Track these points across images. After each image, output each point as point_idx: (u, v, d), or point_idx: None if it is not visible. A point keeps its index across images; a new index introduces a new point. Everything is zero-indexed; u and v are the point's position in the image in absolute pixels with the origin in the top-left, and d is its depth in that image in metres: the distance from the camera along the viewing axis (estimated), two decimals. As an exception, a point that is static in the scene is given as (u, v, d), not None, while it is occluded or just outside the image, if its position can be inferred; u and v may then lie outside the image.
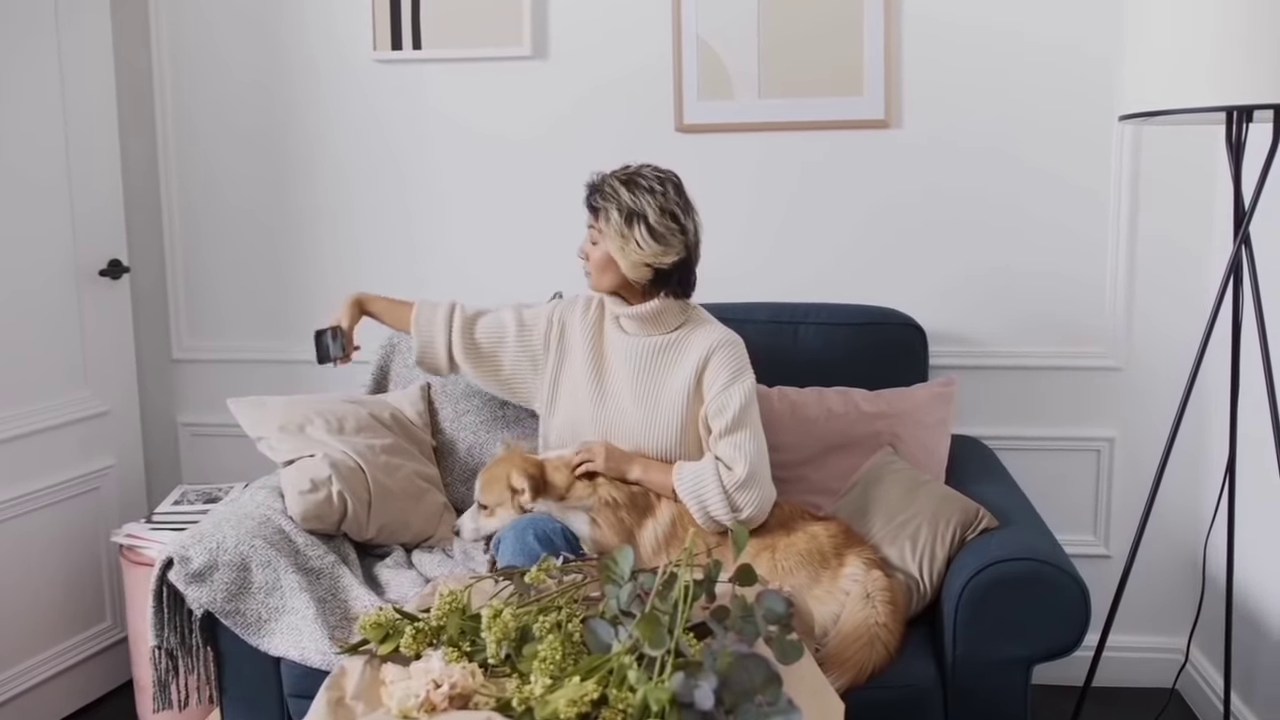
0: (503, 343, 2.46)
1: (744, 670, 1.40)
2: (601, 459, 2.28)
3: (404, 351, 2.82)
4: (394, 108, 3.07)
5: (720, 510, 2.20)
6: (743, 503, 2.21)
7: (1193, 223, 2.82)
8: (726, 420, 2.26)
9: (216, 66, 3.13)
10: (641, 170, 2.29)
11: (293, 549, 2.25)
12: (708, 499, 2.21)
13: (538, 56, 2.99)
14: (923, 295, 2.92)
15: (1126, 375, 2.89)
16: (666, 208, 2.24)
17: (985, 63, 2.84)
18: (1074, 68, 2.81)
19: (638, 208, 2.22)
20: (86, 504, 2.93)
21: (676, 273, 2.30)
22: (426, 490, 2.60)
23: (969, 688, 2.02)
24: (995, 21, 2.82)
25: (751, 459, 2.23)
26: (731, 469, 2.23)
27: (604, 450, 2.29)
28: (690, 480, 2.24)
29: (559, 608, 1.61)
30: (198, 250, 3.21)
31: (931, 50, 2.85)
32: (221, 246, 3.20)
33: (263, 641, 2.16)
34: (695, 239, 2.31)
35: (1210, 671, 2.74)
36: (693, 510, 2.23)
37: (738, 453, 2.24)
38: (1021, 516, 2.23)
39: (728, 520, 2.20)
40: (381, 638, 1.58)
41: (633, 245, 2.24)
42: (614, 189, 2.25)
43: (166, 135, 3.16)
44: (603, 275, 2.32)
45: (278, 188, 3.15)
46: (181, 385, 3.27)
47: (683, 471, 2.26)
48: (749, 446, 2.25)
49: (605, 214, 2.25)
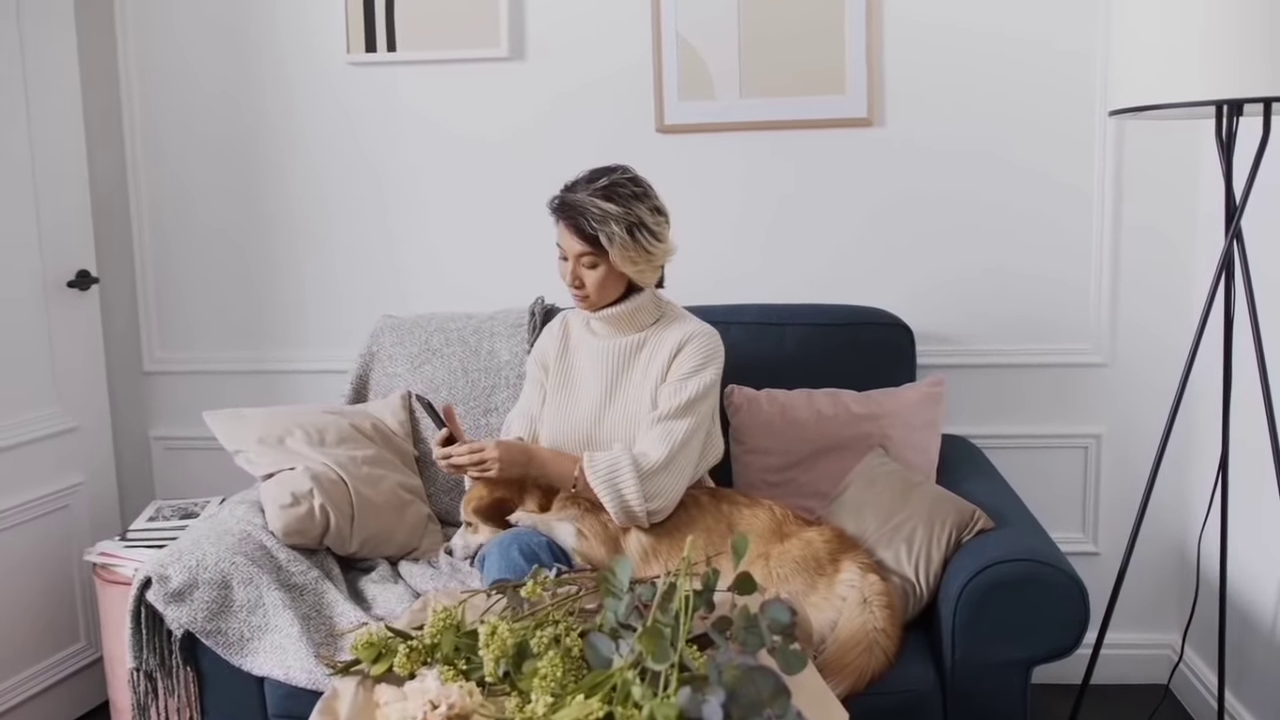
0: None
1: (752, 683, 1.36)
2: (495, 464, 2.16)
3: (383, 360, 2.77)
4: (368, 111, 3.01)
5: (635, 498, 2.12)
6: (654, 490, 2.14)
7: (1177, 218, 2.81)
8: (672, 405, 2.21)
9: (185, 73, 3.05)
10: (612, 178, 2.19)
11: (275, 565, 2.20)
12: (623, 486, 2.13)
13: (515, 58, 2.94)
14: (909, 294, 2.89)
15: (1113, 371, 2.88)
16: (653, 205, 2.21)
17: (967, 60, 2.82)
18: (1056, 64, 2.80)
19: (633, 216, 2.16)
20: (57, 522, 2.84)
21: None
22: (410, 502, 2.55)
23: (968, 691, 1.99)
24: (976, 19, 2.80)
25: (674, 448, 2.17)
26: (648, 455, 2.16)
27: (498, 450, 2.17)
28: (604, 469, 2.15)
29: (555, 621, 1.57)
30: (168, 260, 3.13)
31: (913, 48, 2.83)
32: (192, 255, 3.12)
33: (245, 661, 2.10)
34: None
35: (1203, 668, 2.73)
36: (605, 500, 2.14)
37: (664, 439, 2.17)
38: (1016, 516, 2.21)
39: (640, 510, 2.13)
40: (374, 657, 1.53)
41: (643, 254, 2.18)
42: (600, 208, 2.15)
43: (135, 142, 3.08)
44: (604, 293, 2.25)
45: (249, 195, 3.08)
46: (153, 398, 3.19)
47: (595, 460, 2.16)
48: (679, 436, 2.18)
49: (606, 236, 2.15)
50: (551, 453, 2.25)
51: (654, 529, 2.18)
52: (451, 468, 2.19)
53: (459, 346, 2.73)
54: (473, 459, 2.16)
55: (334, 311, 3.09)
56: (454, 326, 2.77)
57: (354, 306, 3.07)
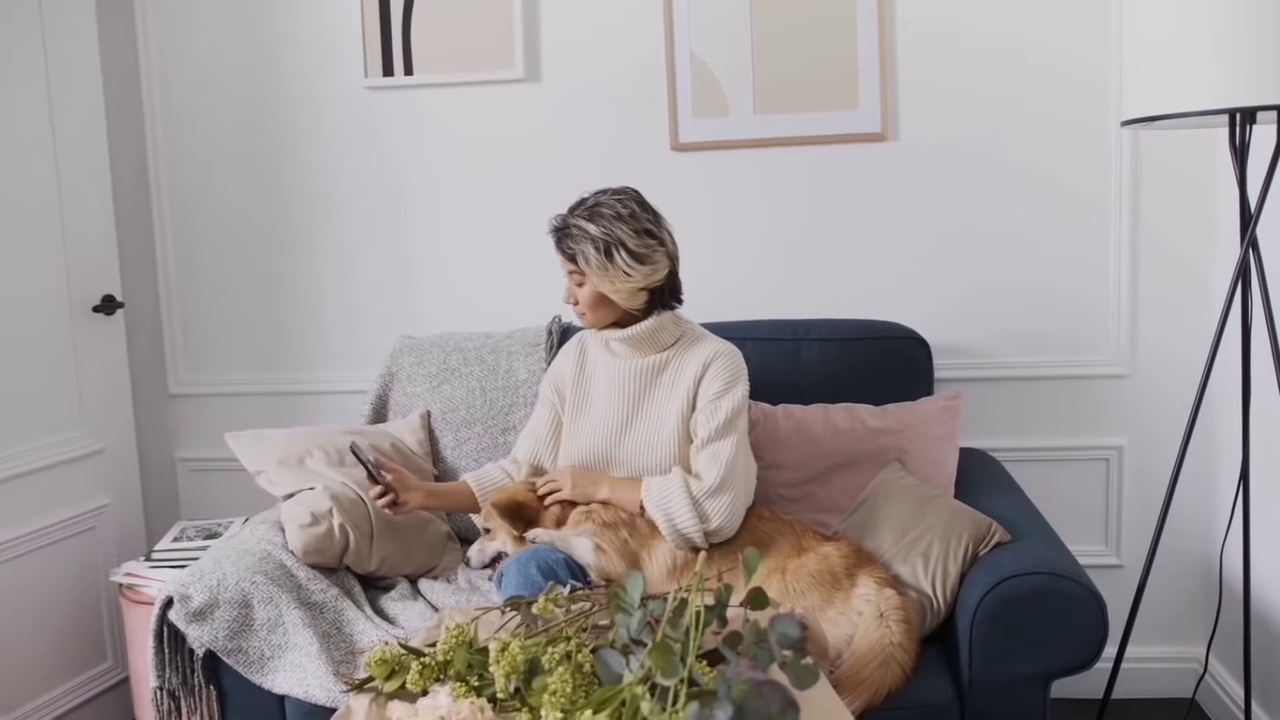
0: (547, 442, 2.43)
1: (760, 698, 1.36)
2: (568, 485, 2.25)
3: (402, 380, 2.79)
4: (388, 134, 3.05)
5: (688, 522, 2.15)
6: (711, 511, 2.16)
7: (1195, 227, 2.80)
8: (711, 428, 2.23)
9: (207, 98, 3.10)
10: (599, 199, 2.24)
11: (294, 584, 2.22)
12: (674, 511, 2.15)
13: (530, 79, 2.97)
14: (925, 308, 2.89)
15: (1133, 382, 2.86)
16: (639, 228, 2.21)
17: (980, 72, 2.82)
18: (1070, 75, 2.79)
19: (611, 237, 2.19)
20: (84, 543, 2.88)
21: (667, 284, 2.28)
22: (429, 521, 2.57)
23: (986, 706, 1.98)
24: (989, 31, 2.81)
25: (726, 467, 2.19)
26: (701, 478, 2.18)
27: (570, 475, 2.26)
28: (657, 493, 2.18)
29: (568, 638, 1.57)
30: (192, 283, 3.18)
31: (926, 62, 2.84)
32: (215, 280, 3.17)
33: (266, 679, 2.12)
34: (674, 246, 2.28)
35: (1229, 680, 2.70)
36: (660, 525, 2.17)
37: (713, 461, 2.20)
38: (1034, 529, 2.20)
39: (695, 533, 2.15)
40: (387, 674, 1.54)
41: (620, 274, 2.20)
42: (580, 228, 2.21)
43: (158, 168, 3.13)
44: (597, 312, 2.29)
45: (271, 218, 3.12)
46: (179, 420, 3.23)
47: (650, 485, 2.20)
48: (727, 455, 2.20)
49: (582, 256, 2.20)
50: (619, 479, 2.27)
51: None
52: (386, 506, 2.24)
53: (477, 366, 2.76)
54: (548, 489, 2.27)
55: (354, 333, 3.12)
56: (472, 346, 2.79)
57: (373, 328, 3.10)
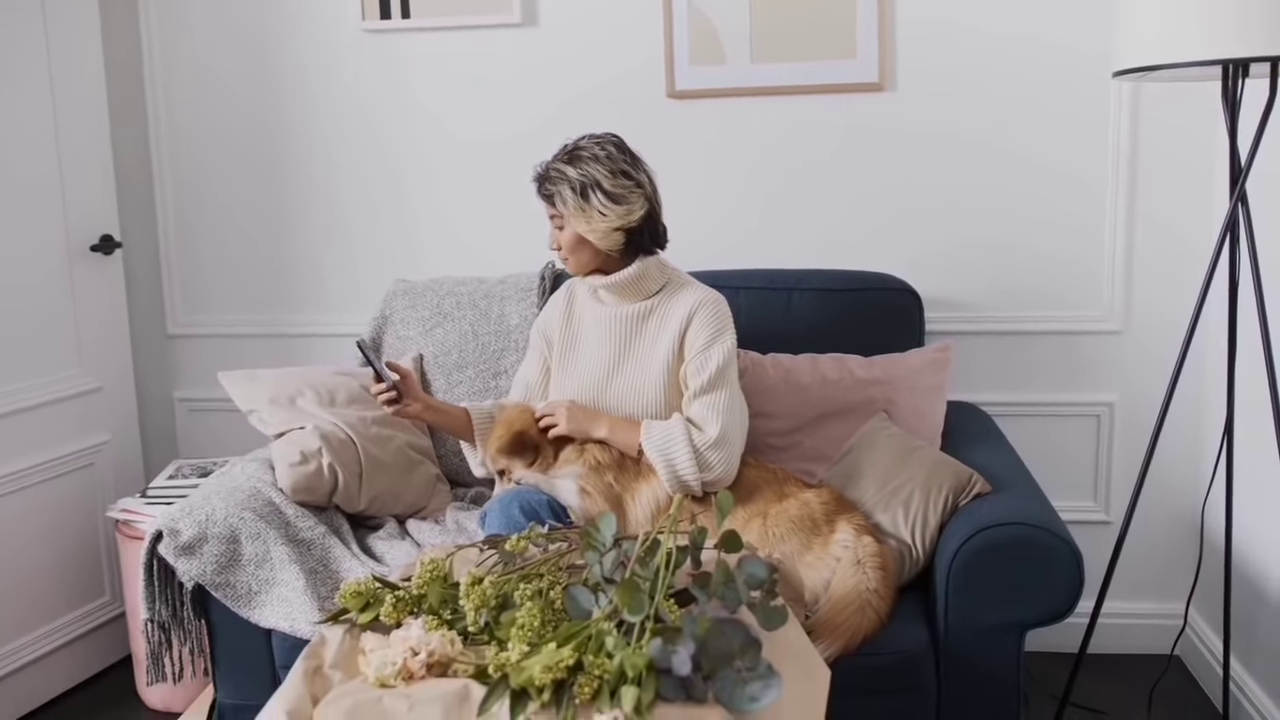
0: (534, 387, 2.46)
1: (722, 636, 1.39)
2: (564, 419, 2.27)
3: (396, 323, 2.81)
4: (383, 78, 3.04)
5: (687, 469, 2.18)
6: (713, 461, 2.19)
7: (1192, 183, 2.77)
8: (704, 379, 2.25)
9: (205, 44, 3.09)
10: (580, 143, 2.28)
11: (283, 521, 2.25)
12: (676, 458, 2.18)
13: (527, 23, 2.95)
14: (918, 260, 2.88)
15: (1126, 338, 2.85)
16: (615, 169, 2.23)
17: (979, 25, 2.79)
18: (1070, 26, 2.75)
19: (587, 178, 2.22)
20: (82, 479, 2.93)
21: (646, 227, 2.29)
22: (419, 462, 2.59)
23: (961, 653, 2.00)
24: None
25: (725, 418, 2.21)
26: (703, 429, 2.21)
27: (567, 410, 2.28)
28: (659, 438, 2.21)
29: (541, 575, 1.60)
30: (191, 224, 3.19)
31: (926, 12, 2.80)
32: (213, 221, 3.18)
33: (253, 613, 2.16)
34: (653, 189, 2.30)
35: (1210, 635, 2.72)
36: (659, 470, 2.20)
37: (711, 412, 2.22)
38: (1015, 481, 2.20)
39: (694, 480, 2.18)
40: (361, 606, 1.57)
41: (595, 214, 2.22)
42: (559, 170, 2.25)
43: (157, 108, 3.13)
44: (578, 255, 2.31)
45: (267, 161, 3.12)
46: (177, 360, 3.26)
47: (651, 429, 2.23)
48: (724, 406, 2.23)
49: (559, 197, 2.25)
50: (618, 419, 2.29)
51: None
52: (387, 403, 2.26)
53: (470, 310, 2.77)
54: (546, 422, 2.29)
55: (349, 276, 3.13)
56: (465, 290, 2.80)
57: (368, 271, 3.11)
